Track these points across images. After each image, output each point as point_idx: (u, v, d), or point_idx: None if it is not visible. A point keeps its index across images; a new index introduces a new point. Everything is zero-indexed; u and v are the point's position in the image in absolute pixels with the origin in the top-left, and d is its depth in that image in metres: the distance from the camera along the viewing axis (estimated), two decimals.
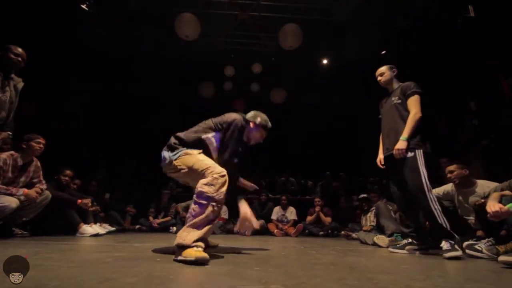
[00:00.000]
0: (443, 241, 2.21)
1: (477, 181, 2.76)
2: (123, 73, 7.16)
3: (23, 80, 2.81)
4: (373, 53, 5.85)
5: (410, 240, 2.49)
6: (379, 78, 2.73)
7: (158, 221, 5.09)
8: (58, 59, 5.65)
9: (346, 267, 1.54)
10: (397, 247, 2.53)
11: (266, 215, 5.36)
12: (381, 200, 4.15)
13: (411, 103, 2.46)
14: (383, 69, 2.71)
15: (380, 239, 3.17)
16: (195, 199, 1.65)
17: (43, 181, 3.05)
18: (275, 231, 4.83)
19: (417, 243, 2.45)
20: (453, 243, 2.16)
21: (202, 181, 1.68)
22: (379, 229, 3.63)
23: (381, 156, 2.71)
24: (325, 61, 7.28)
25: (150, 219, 5.16)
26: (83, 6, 5.09)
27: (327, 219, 5.16)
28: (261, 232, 4.86)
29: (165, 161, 1.91)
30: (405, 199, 2.51)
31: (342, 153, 7.84)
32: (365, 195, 4.70)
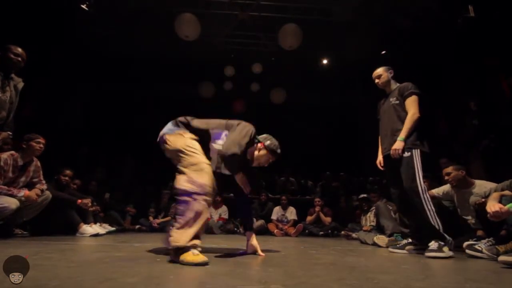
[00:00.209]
0: (432, 241, 2.22)
1: (475, 181, 2.76)
2: (123, 73, 7.15)
3: (23, 80, 2.82)
4: (373, 53, 5.85)
5: (410, 240, 2.49)
6: (376, 81, 2.73)
7: (158, 221, 5.09)
8: (58, 59, 5.65)
9: (346, 267, 1.54)
10: (397, 247, 2.54)
11: (266, 215, 5.36)
12: (381, 200, 4.15)
13: (409, 103, 2.48)
14: (379, 71, 2.71)
15: (380, 239, 3.17)
16: (179, 198, 1.60)
17: (43, 181, 3.06)
18: (275, 231, 4.83)
19: (417, 243, 2.45)
20: (442, 244, 2.17)
21: (181, 179, 1.62)
22: (379, 229, 3.63)
23: (380, 157, 2.72)
24: (325, 61, 7.28)
25: (150, 219, 5.16)
26: (83, 6, 5.08)
27: (327, 219, 5.17)
28: (261, 232, 4.86)
29: (162, 130, 1.89)
30: (404, 198, 2.52)
31: (342, 153, 7.84)
32: (365, 195, 4.70)
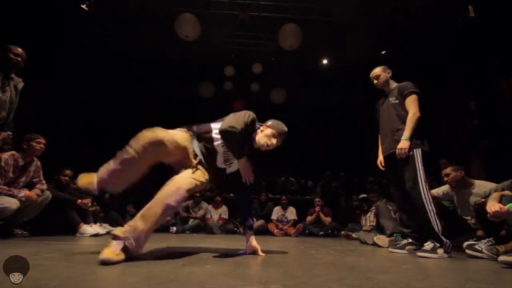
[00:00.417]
0: (429, 241, 2.22)
1: (474, 181, 2.76)
2: (123, 73, 7.16)
3: (23, 80, 2.82)
4: (373, 53, 5.85)
5: (410, 240, 2.49)
6: (375, 82, 2.71)
7: None
8: (58, 59, 5.65)
9: (346, 267, 1.54)
10: (397, 247, 2.54)
11: (266, 215, 5.36)
12: (381, 200, 4.16)
13: (409, 103, 2.47)
14: (377, 71, 2.70)
15: (380, 239, 3.17)
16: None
17: (43, 181, 3.05)
18: (275, 231, 4.83)
19: (417, 243, 2.45)
20: (437, 246, 2.17)
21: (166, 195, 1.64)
22: (379, 229, 3.63)
23: (381, 157, 2.72)
24: (325, 61, 7.28)
25: None
26: (83, 6, 5.09)
27: (327, 219, 5.17)
28: (261, 232, 4.86)
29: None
30: (404, 198, 2.52)
31: (342, 153, 7.84)
32: (365, 195, 4.71)
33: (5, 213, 2.58)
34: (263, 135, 1.95)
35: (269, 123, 2.01)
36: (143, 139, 1.66)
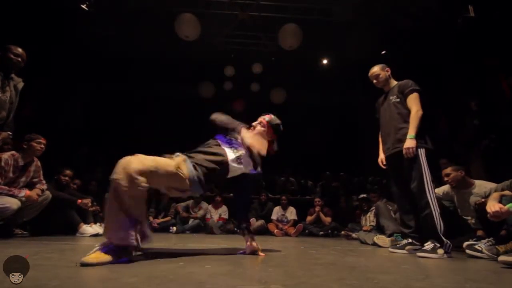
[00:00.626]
0: (429, 241, 2.22)
1: (475, 181, 2.76)
2: (123, 73, 7.16)
3: (23, 80, 2.82)
4: (373, 53, 5.85)
5: (410, 240, 2.49)
6: (374, 82, 2.69)
7: (158, 221, 5.09)
8: (58, 59, 5.65)
9: (346, 267, 1.54)
10: (397, 247, 2.53)
11: (266, 215, 5.36)
12: (381, 200, 4.16)
13: (411, 101, 2.45)
14: (376, 70, 2.68)
15: (380, 239, 3.17)
16: None
17: (43, 181, 3.05)
18: (275, 231, 4.83)
19: (417, 243, 2.45)
20: (437, 246, 2.17)
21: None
22: (379, 229, 3.63)
23: (382, 156, 2.71)
24: (325, 61, 7.28)
25: (150, 219, 5.16)
26: (83, 6, 5.09)
27: (327, 219, 5.16)
28: (261, 232, 4.86)
29: None
30: (405, 198, 2.51)
31: (342, 153, 7.84)
32: (365, 195, 4.70)
33: (6, 213, 2.58)
34: (261, 130, 2.10)
35: (268, 118, 2.14)
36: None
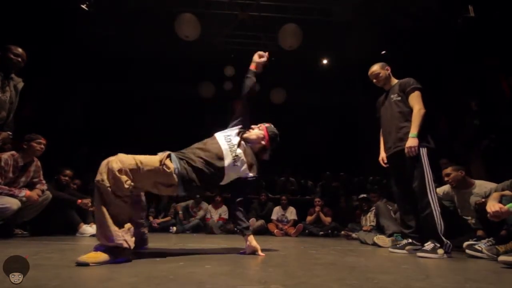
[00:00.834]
0: (429, 241, 2.22)
1: (475, 181, 2.76)
2: (123, 73, 7.16)
3: (23, 80, 2.82)
4: (373, 53, 5.85)
5: (410, 240, 2.49)
6: (374, 81, 2.68)
7: (158, 221, 5.09)
8: (58, 59, 5.65)
9: (346, 267, 1.54)
10: (397, 247, 2.53)
11: (266, 215, 5.36)
12: (381, 200, 4.16)
13: (412, 99, 2.43)
14: (376, 69, 2.66)
15: (380, 239, 3.17)
16: None
17: (43, 181, 3.05)
18: (275, 231, 4.83)
19: (417, 243, 2.45)
20: (437, 246, 2.17)
21: None
22: (379, 229, 3.63)
23: (383, 154, 2.70)
24: (325, 61, 7.28)
25: (150, 219, 5.16)
26: (83, 6, 5.09)
27: (327, 219, 5.17)
28: (261, 232, 4.86)
29: None
30: (406, 198, 2.51)
31: (342, 153, 7.84)
32: (365, 195, 4.70)
33: (6, 213, 2.58)
34: (255, 133, 2.19)
35: (267, 125, 2.24)
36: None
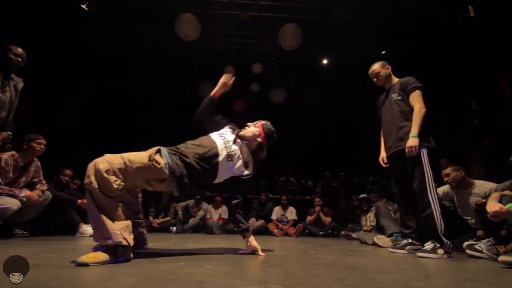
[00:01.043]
0: (429, 241, 2.21)
1: (475, 181, 2.76)
2: (123, 73, 7.15)
3: (23, 80, 2.82)
4: (373, 53, 5.85)
5: (410, 240, 2.49)
6: (375, 80, 2.67)
7: (158, 221, 5.09)
8: (58, 59, 5.65)
9: (346, 267, 1.54)
10: (397, 247, 2.53)
11: (266, 215, 5.36)
12: (381, 200, 4.16)
13: (413, 98, 2.42)
14: (376, 68, 2.64)
15: (380, 239, 3.17)
16: None
17: (43, 181, 3.06)
18: (275, 231, 4.83)
19: (417, 243, 2.45)
20: (437, 246, 2.17)
21: None
22: (379, 229, 3.63)
23: (383, 154, 2.69)
24: (325, 61, 7.28)
25: (150, 219, 5.16)
26: (83, 6, 5.09)
27: (327, 219, 5.17)
28: (261, 232, 4.86)
29: None
30: (406, 198, 2.51)
31: (342, 153, 7.84)
32: (365, 195, 4.70)
33: (6, 213, 2.58)
34: (251, 130, 2.23)
35: (263, 122, 2.24)
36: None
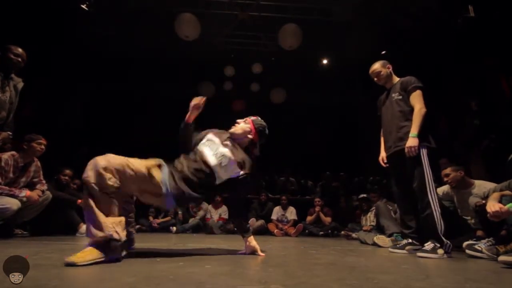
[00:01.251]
0: (429, 241, 2.21)
1: (474, 181, 2.76)
2: (123, 73, 7.16)
3: (23, 80, 2.82)
4: (373, 53, 5.84)
5: (410, 240, 2.49)
6: (376, 79, 2.66)
7: (158, 221, 5.09)
8: (58, 59, 5.65)
9: (346, 267, 1.54)
10: (397, 247, 2.53)
11: (266, 215, 5.36)
12: (381, 200, 4.16)
13: (414, 98, 2.41)
14: (377, 67, 2.63)
15: (380, 239, 3.17)
16: None
17: (43, 181, 3.05)
18: (275, 231, 4.83)
19: (417, 243, 2.45)
20: (437, 246, 2.17)
21: None
22: (379, 229, 3.63)
23: (383, 154, 2.69)
24: (325, 61, 7.29)
25: (150, 219, 5.16)
26: (83, 6, 5.09)
27: (327, 219, 5.17)
28: (261, 232, 4.86)
29: None
30: (406, 198, 2.51)
31: (342, 153, 7.84)
32: (365, 195, 4.70)
33: (6, 213, 2.57)
34: (244, 127, 2.09)
35: (253, 118, 2.13)
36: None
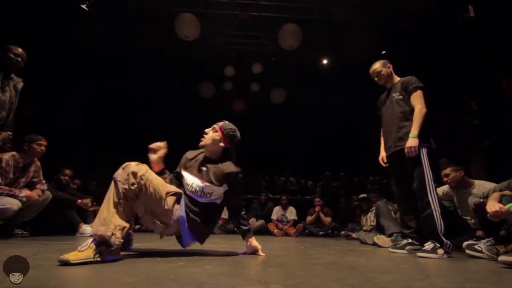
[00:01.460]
0: (429, 241, 2.21)
1: (474, 181, 2.76)
2: (123, 73, 7.16)
3: (23, 80, 2.82)
4: (373, 53, 5.84)
5: (410, 240, 2.49)
6: (376, 79, 2.66)
7: None
8: (58, 59, 5.65)
9: (346, 267, 1.54)
10: (397, 247, 2.53)
11: (266, 215, 5.37)
12: (381, 200, 4.16)
13: (414, 98, 2.40)
14: (378, 67, 2.63)
15: (380, 239, 3.17)
16: None
17: (43, 181, 3.05)
18: (275, 231, 4.83)
19: (417, 243, 2.45)
20: (437, 246, 2.17)
21: None
22: (379, 229, 3.63)
23: (383, 154, 2.69)
24: (325, 61, 7.29)
25: None
26: (83, 6, 5.09)
27: (327, 219, 5.17)
28: (261, 232, 4.86)
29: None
30: (406, 198, 2.51)
31: (342, 153, 7.85)
32: (365, 195, 4.70)
33: (7, 214, 2.57)
34: (213, 135, 1.92)
35: (221, 124, 1.96)
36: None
